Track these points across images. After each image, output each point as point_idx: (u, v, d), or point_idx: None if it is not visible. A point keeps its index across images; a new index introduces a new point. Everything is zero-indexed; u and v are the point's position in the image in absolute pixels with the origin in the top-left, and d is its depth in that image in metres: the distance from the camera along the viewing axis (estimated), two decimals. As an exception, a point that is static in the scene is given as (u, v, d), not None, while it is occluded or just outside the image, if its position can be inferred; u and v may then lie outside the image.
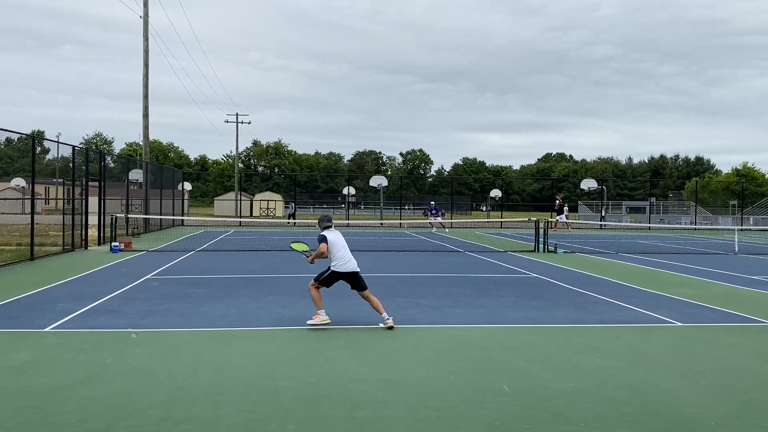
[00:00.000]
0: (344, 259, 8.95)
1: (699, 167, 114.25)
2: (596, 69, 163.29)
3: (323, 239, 8.99)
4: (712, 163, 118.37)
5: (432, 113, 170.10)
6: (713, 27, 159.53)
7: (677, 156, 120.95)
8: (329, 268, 9.00)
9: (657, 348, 7.94)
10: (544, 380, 6.41)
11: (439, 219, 38.39)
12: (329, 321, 8.84)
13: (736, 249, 23.54)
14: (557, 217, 37.61)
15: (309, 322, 8.81)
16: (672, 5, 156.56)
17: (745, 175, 71.52)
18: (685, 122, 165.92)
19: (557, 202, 42.50)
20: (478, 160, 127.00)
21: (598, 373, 6.70)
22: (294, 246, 9.59)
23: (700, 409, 5.61)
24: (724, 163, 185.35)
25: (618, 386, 6.27)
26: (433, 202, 41.77)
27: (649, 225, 41.67)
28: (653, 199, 58.08)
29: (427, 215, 40.46)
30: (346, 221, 38.91)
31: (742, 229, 32.45)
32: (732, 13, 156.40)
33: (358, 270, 9.11)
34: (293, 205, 46.18)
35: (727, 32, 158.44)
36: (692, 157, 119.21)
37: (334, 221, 9.57)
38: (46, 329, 8.39)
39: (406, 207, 67.90)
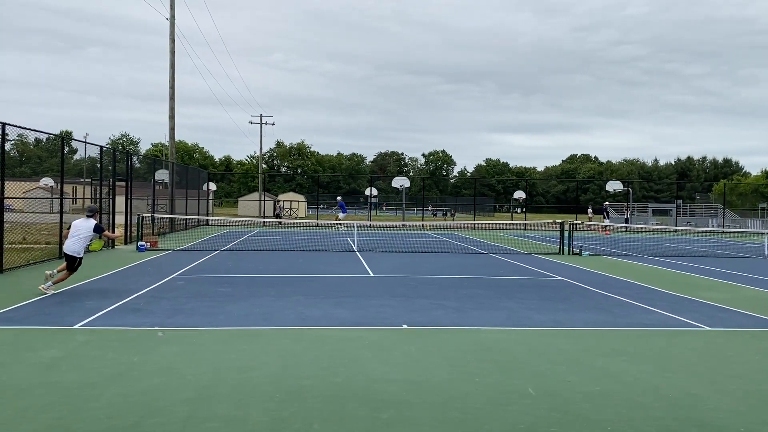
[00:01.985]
0: None
1: (727, 169, 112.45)
2: (623, 69, 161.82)
3: None
4: (740, 164, 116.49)
5: (455, 114, 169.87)
6: (743, 25, 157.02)
7: (704, 158, 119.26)
8: None
9: (685, 352, 7.83)
10: (569, 383, 6.36)
11: (342, 215, 37.92)
12: None
13: (766, 252, 23.11)
14: (605, 221, 37.86)
15: None
16: (703, 4, 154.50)
17: (774, 178, 70.18)
18: (714, 123, 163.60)
19: (606, 204, 42.47)
20: (501, 161, 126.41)
21: (624, 377, 6.63)
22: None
23: (729, 415, 5.52)
24: (753, 164, 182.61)
25: (645, 390, 6.19)
26: (339, 197, 41.11)
27: (675, 227, 41.10)
28: (680, 202, 57.31)
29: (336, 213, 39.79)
30: (369, 222, 38.97)
31: (771, 232, 31.76)
32: (763, 10, 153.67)
33: None
34: (281, 204, 44.87)
35: (758, 31, 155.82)
36: (720, 158, 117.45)
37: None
38: (75, 326, 8.53)
39: (429, 209, 67.75)
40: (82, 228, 11.42)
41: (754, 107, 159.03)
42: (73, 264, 11.40)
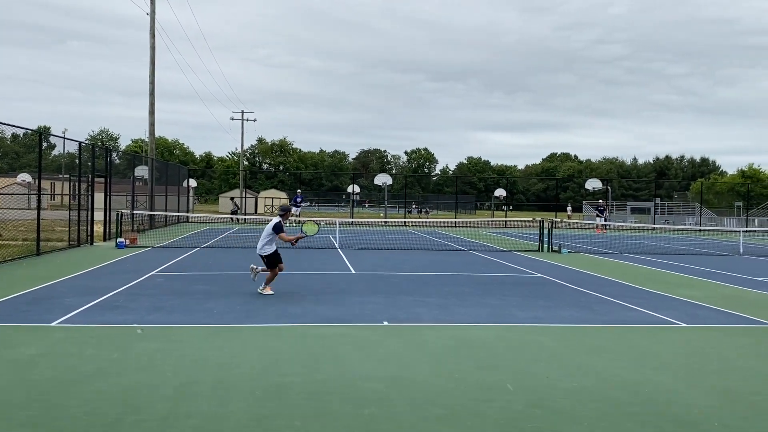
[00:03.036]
0: None
1: (704, 168, 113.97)
2: (607, 68, 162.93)
3: None
4: (717, 164, 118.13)
5: (439, 112, 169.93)
6: (726, 26, 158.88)
7: (682, 157, 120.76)
8: None
9: (662, 349, 7.94)
10: (549, 379, 6.42)
11: (299, 210, 36.74)
12: None
13: (741, 250, 23.48)
14: (598, 219, 38.11)
15: None
16: (686, 4, 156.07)
17: (750, 177, 71.28)
18: (693, 122, 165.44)
19: (601, 201, 42.78)
20: (482, 159, 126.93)
21: (603, 373, 6.71)
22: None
23: (705, 410, 5.62)
24: (731, 164, 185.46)
25: (623, 386, 6.27)
26: (299, 190, 40.00)
27: (653, 226, 41.58)
28: (658, 200, 57.99)
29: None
30: (351, 219, 38.94)
31: (747, 231, 32.33)
32: (745, 12, 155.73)
33: None
34: (235, 201, 42.92)
35: (739, 32, 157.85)
36: (698, 158, 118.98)
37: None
38: (54, 324, 8.43)
39: (413, 206, 67.84)
40: (268, 227, 11.44)
41: (733, 107, 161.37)
42: (268, 263, 11.36)
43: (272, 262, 11.35)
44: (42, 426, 4.87)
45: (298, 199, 38.49)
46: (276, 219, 11.53)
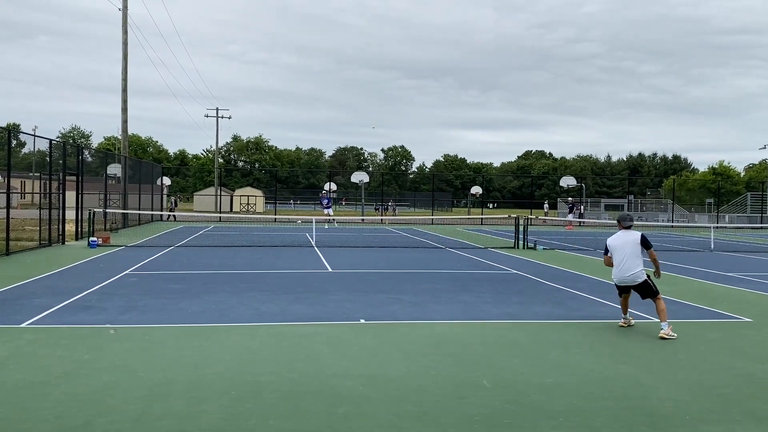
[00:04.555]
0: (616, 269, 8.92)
1: (676, 165, 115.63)
2: (580, 66, 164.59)
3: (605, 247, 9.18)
4: (689, 161, 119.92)
5: (415, 110, 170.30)
6: (696, 25, 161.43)
7: (655, 154, 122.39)
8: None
9: (635, 343, 8.04)
10: (523, 375, 6.46)
11: (330, 210, 35.66)
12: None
13: (712, 246, 23.90)
14: (568, 216, 38.39)
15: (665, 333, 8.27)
16: (658, 3, 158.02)
17: (721, 174, 72.59)
18: (665, 121, 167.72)
19: (570, 200, 43.09)
20: (459, 157, 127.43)
21: (577, 368, 6.77)
22: None
23: (676, 403, 5.70)
24: (702, 161, 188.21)
25: (596, 381, 6.34)
26: (325, 191, 37.97)
27: (627, 222, 42.09)
28: (631, 197, 58.77)
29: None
30: (327, 217, 38.81)
31: (717, 227, 32.89)
32: (715, 11, 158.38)
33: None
34: (174, 199, 41.63)
35: (709, 31, 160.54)
36: (670, 155, 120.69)
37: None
38: (23, 325, 8.27)
39: (389, 204, 67.87)
40: (627, 243, 8.78)
41: (704, 106, 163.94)
42: (645, 291, 8.73)
43: (648, 287, 8.76)
44: (10, 429, 4.77)
45: (325, 201, 36.17)
46: (632, 233, 8.90)
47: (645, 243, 8.76)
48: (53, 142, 19.99)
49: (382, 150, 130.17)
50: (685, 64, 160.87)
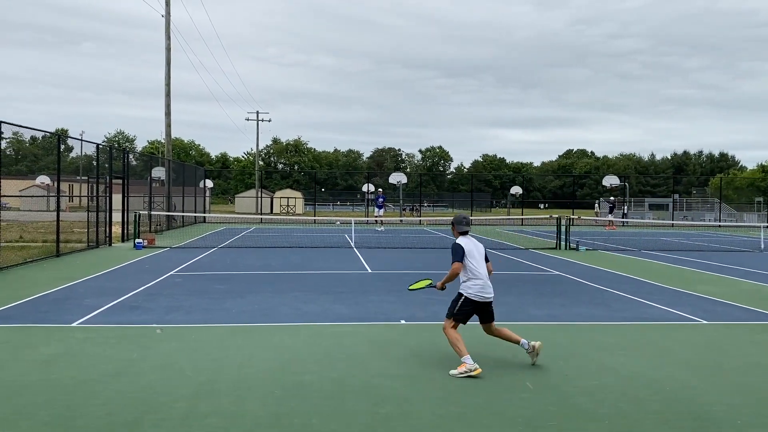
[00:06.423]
0: (480, 282, 6.76)
1: (723, 163, 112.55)
2: (622, 62, 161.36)
3: (459, 252, 6.74)
4: (736, 159, 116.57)
5: (452, 109, 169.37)
6: (743, 18, 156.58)
7: (701, 152, 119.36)
8: (460, 294, 6.74)
9: (682, 346, 7.86)
10: (567, 377, 6.38)
11: (383, 211, 33.74)
12: (480, 371, 6.32)
13: (762, 246, 23.19)
14: (609, 216, 37.87)
15: (452, 372, 6.35)
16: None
17: (770, 172, 70.35)
18: (710, 117, 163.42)
19: (611, 199, 42.48)
20: (498, 156, 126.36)
21: (622, 371, 6.65)
22: (415, 287, 7.37)
23: (726, 407, 5.55)
24: (750, 159, 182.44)
25: (642, 384, 6.22)
26: (380, 189, 35.58)
27: (672, 222, 41.17)
28: (676, 196, 57.43)
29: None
30: (366, 218, 38.99)
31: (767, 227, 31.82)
32: (763, 3, 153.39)
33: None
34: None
35: (758, 23, 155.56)
36: (716, 153, 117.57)
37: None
38: (74, 324, 8.53)
39: (426, 204, 67.72)
40: (479, 251, 7.30)
41: (752, 101, 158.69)
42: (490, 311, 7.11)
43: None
44: (63, 425, 4.92)
45: (380, 199, 33.68)
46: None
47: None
48: (99, 146, 20.53)
49: (420, 151, 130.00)
50: (733, 57, 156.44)
